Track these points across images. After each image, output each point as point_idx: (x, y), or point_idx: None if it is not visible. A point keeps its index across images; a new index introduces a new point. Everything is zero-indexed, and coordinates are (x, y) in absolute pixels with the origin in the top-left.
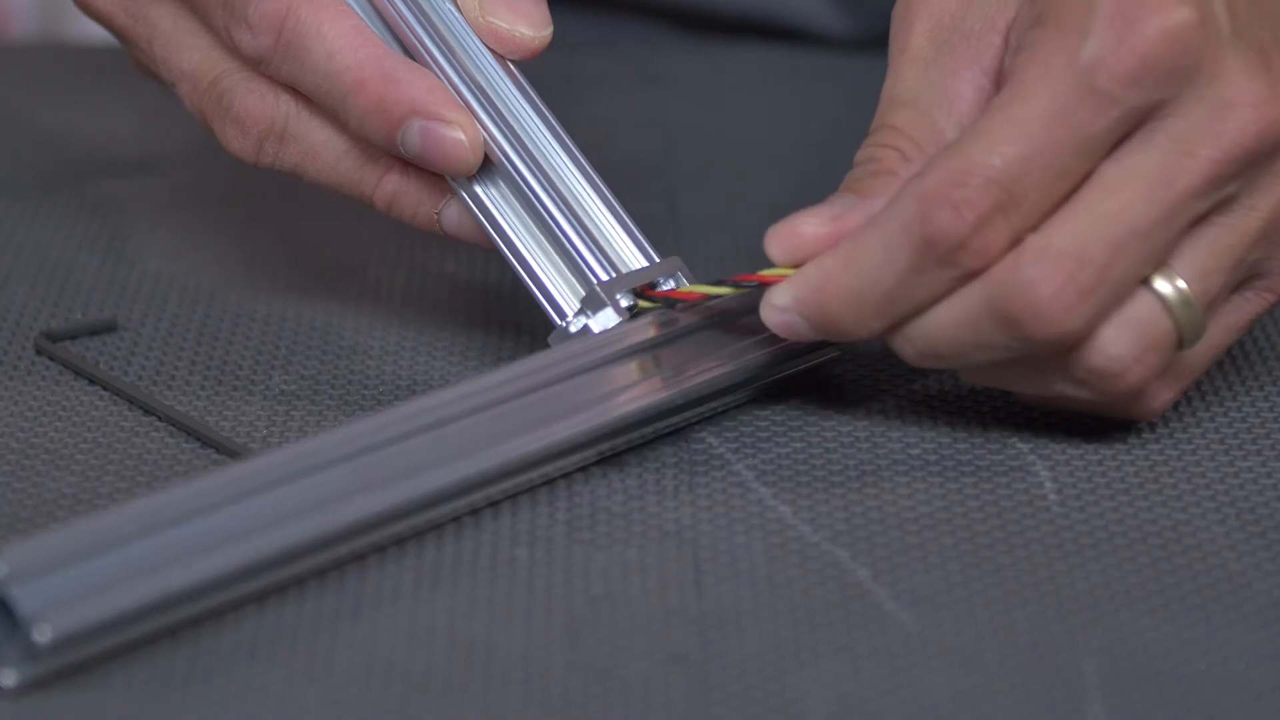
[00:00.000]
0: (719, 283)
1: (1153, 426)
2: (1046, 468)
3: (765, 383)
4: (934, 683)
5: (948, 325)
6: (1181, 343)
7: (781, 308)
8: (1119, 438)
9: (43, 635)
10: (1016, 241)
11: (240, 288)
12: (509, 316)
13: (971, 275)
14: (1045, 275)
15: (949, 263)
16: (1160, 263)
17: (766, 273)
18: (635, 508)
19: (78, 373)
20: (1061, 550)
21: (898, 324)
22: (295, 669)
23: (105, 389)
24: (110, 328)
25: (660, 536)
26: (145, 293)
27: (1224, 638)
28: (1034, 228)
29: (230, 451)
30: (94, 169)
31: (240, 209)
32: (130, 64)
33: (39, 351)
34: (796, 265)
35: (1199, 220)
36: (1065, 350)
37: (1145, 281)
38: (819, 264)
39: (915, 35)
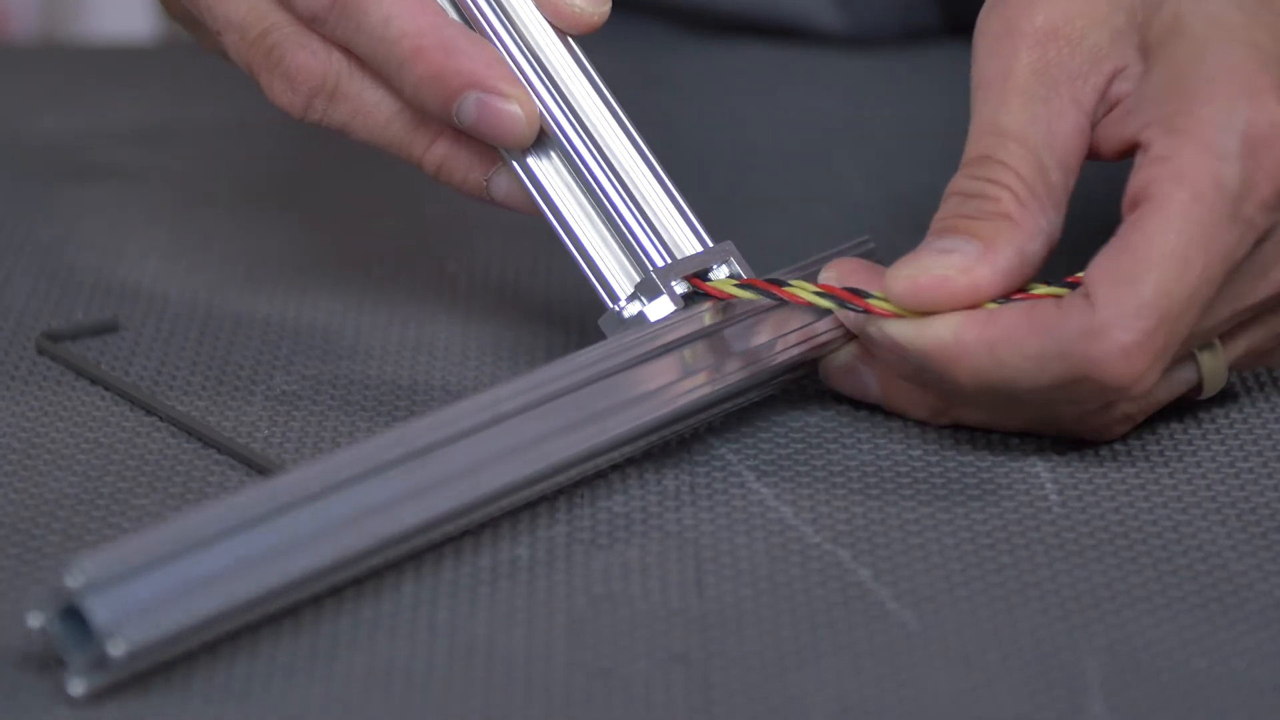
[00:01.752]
0: (821, 293)
1: (1153, 427)
2: (1047, 468)
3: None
4: (935, 682)
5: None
6: (1201, 391)
7: (899, 340)
8: (1119, 438)
9: (117, 649)
10: None
11: (241, 288)
12: (511, 317)
13: None
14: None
15: (1096, 390)
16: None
17: (875, 303)
18: (637, 508)
19: (79, 373)
20: (1062, 550)
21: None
22: (296, 669)
23: (106, 389)
24: (111, 328)
25: (662, 537)
26: (146, 293)
27: (1224, 637)
28: None
29: (231, 452)
30: (94, 169)
31: (241, 209)
32: (161, 7)
33: (40, 352)
34: (916, 310)
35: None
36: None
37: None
38: (956, 337)
39: (1020, 64)
